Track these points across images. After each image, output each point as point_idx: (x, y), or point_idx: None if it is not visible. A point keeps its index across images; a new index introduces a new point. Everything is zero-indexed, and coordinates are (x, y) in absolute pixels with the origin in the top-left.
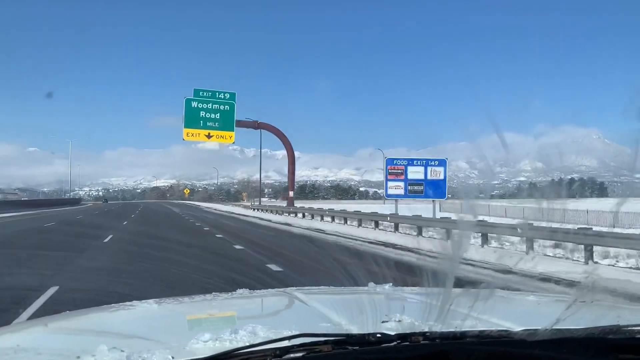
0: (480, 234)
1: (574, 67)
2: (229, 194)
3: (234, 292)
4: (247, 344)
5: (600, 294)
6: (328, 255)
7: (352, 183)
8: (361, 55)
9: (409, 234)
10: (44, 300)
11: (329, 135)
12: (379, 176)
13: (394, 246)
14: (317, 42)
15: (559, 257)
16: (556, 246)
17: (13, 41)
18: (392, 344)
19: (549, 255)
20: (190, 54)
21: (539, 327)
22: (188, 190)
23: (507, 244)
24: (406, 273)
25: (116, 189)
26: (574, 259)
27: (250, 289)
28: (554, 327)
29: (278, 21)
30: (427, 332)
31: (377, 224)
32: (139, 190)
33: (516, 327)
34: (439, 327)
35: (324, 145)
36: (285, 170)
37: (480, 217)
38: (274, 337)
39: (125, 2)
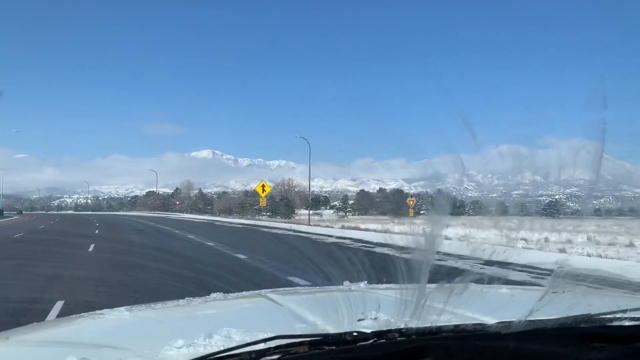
0: None
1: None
2: (275, 204)
3: (207, 297)
4: (222, 348)
5: (572, 283)
6: None
7: (349, 194)
8: (359, 63)
9: None
10: None
11: (326, 145)
12: (376, 187)
13: None
14: (315, 50)
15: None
16: None
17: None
18: (368, 342)
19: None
20: (184, 59)
21: (513, 319)
22: (269, 187)
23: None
24: None
25: (106, 197)
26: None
27: (224, 292)
28: (527, 319)
29: (270, 25)
30: (403, 328)
31: None
32: (129, 198)
33: (491, 320)
34: (415, 323)
35: (320, 155)
36: (281, 180)
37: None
38: (249, 341)
39: (117, 4)
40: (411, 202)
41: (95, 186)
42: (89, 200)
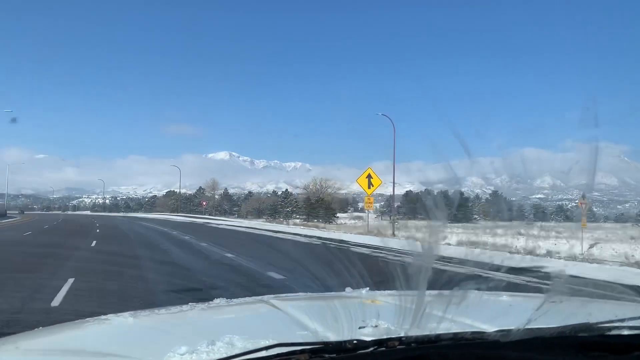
0: None
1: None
2: (311, 206)
3: (211, 302)
4: (224, 356)
5: (570, 292)
6: None
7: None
8: (376, 62)
9: None
10: None
11: (343, 147)
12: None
13: None
14: (327, 50)
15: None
16: None
17: (19, 46)
18: (368, 350)
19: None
20: (203, 61)
21: (512, 328)
22: (379, 180)
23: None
24: None
25: (124, 197)
26: None
27: (227, 298)
28: (526, 327)
29: (281, 26)
30: (402, 336)
31: None
32: (147, 199)
33: (490, 328)
34: (414, 331)
35: (337, 157)
36: (297, 182)
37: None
38: (251, 348)
39: (137, 6)
40: (584, 206)
41: (114, 186)
42: (107, 201)
